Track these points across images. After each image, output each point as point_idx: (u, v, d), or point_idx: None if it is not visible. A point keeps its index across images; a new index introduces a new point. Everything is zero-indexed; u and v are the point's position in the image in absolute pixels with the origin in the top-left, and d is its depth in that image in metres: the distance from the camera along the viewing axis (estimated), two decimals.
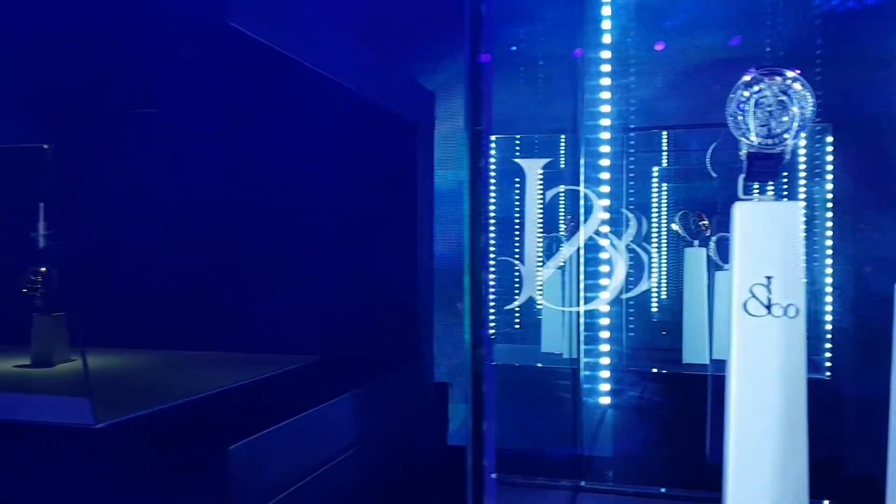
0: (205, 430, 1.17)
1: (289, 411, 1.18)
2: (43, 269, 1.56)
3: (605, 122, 1.40)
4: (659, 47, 1.48)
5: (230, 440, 1.01)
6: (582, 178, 1.44)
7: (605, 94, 1.38)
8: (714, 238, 1.69)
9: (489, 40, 0.81)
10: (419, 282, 1.72)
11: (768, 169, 0.87)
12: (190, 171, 1.75)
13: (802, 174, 1.67)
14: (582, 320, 1.50)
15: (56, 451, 1.06)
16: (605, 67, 1.38)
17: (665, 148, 1.97)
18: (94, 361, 1.41)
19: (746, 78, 0.87)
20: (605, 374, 1.45)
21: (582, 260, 1.54)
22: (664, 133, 1.91)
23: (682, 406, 1.47)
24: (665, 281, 1.94)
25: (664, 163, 1.96)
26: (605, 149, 1.42)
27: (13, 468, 1.06)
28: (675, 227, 1.76)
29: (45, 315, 1.56)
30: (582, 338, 1.49)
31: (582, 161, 1.46)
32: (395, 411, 1.58)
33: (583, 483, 1.40)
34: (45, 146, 1.46)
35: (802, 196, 1.62)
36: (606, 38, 1.36)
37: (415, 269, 1.71)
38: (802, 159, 1.65)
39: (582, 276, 1.53)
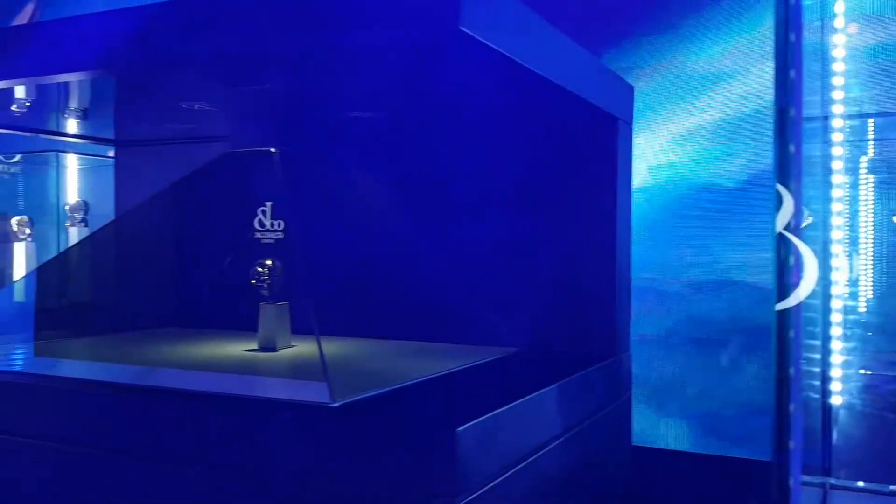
0: (430, 412, 1.23)
1: (505, 398, 1.21)
2: (269, 262, 1.70)
3: (839, 108, 1.33)
4: None
5: (457, 422, 1.05)
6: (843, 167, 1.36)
7: (839, 81, 1.31)
8: None
9: (798, 19, 0.79)
10: (617, 278, 1.71)
11: None
12: (407, 170, 1.85)
13: None
14: (836, 319, 1.43)
15: (297, 426, 1.15)
16: (839, 52, 1.31)
17: (872, 137, 1.85)
18: (316, 347, 1.50)
19: None
20: (837, 373, 1.38)
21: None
22: (870, 121, 1.80)
23: None
24: (872, 278, 1.82)
25: (871, 153, 1.85)
26: (838, 137, 1.35)
27: (259, 439, 1.16)
28: None
29: (271, 304, 1.70)
30: (831, 339, 1.43)
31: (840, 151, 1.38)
32: (596, 405, 1.58)
33: (832, 481, 1.35)
34: (273, 150, 1.59)
35: None
36: (839, 23, 1.30)
37: (613, 265, 1.70)
38: None
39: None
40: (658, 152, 1.93)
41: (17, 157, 2.63)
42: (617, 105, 1.68)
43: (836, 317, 1.42)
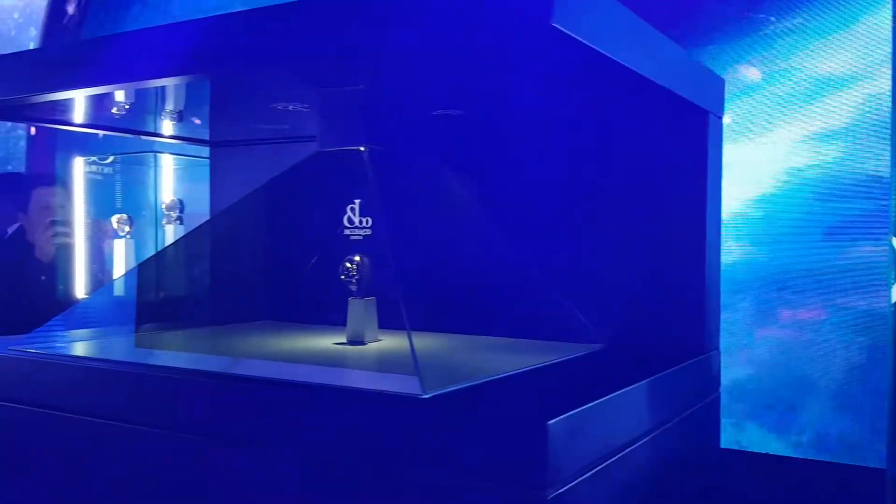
0: (520, 405, 1.24)
1: (594, 393, 1.20)
2: (357, 258, 1.74)
3: None
4: None
5: (547, 415, 1.05)
6: None
7: None
8: None
9: None
10: (707, 274, 1.68)
11: None
12: (493, 167, 1.86)
13: None
14: None
15: (388, 417, 1.17)
16: None
17: None
18: (402, 341, 1.54)
19: None
20: None
21: None
22: None
23: None
24: None
25: None
26: None
27: (353, 428, 1.19)
28: None
29: (359, 299, 1.74)
30: None
31: None
32: (684, 403, 1.56)
33: None
34: (362, 149, 1.62)
35: None
36: None
37: (703, 261, 1.68)
38: None
39: None
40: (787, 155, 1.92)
41: (111, 158, 2.74)
42: (707, 98, 1.65)
43: None
